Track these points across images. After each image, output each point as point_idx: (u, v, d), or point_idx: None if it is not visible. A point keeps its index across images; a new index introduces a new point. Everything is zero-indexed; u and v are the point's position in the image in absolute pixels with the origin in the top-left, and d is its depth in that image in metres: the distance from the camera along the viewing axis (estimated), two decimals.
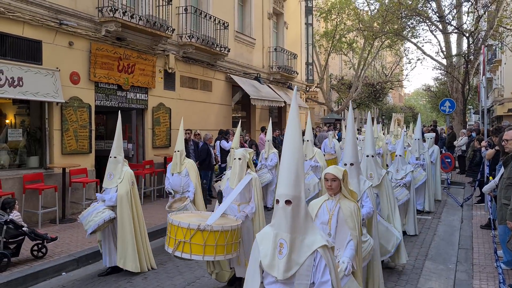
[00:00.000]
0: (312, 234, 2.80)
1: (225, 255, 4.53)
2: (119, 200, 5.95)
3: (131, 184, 6.09)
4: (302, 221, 2.77)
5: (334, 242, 3.78)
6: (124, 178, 6.05)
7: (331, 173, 3.85)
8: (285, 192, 2.75)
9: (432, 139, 11.84)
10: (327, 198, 3.96)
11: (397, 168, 8.09)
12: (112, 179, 6.06)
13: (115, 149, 6.14)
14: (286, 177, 2.78)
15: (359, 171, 4.98)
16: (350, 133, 4.86)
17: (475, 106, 33.36)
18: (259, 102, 15.96)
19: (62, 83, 9.22)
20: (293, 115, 2.97)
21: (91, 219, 5.78)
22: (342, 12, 27.51)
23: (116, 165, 6.08)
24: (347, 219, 3.78)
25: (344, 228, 3.79)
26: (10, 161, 9.05)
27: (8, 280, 5.69)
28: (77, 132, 9.74)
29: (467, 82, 22.00)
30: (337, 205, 3.87)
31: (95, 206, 5.95)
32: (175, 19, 12.64)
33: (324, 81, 29.60)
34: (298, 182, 2.76)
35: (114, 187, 6.01)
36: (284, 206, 2.74)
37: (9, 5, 8.22)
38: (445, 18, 21.40)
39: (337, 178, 3.83)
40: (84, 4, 9.83)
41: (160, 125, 12.36)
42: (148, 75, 11.76)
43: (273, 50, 19.12)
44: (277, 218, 2.79)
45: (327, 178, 3.86)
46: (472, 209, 10.24)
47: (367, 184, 4.97)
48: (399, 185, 7.77)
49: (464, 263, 6.53)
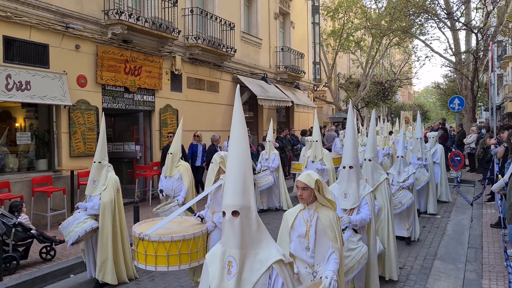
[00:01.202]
0: (267, 248, 2.50)
1: (189, 263, 4.26)
2: (102, 208, 5.55)
3: (115, 191, 5.70)
4: (253, 233, 2.48)
5: (314, 256, 3.45)
6: (109, 185, 5.64)
7: (301, 181, 3.42)
8: (231, 202, 2.45)
9: (435, 138, 11.36)
10: (303, 208, 3.54)
11: (398, 170, 7.62)
12: (96, 186, 5.64)
13: (99, 154, 5.67)
14: (232, 185, 2.49)
15: (360, 175, 4.63)
16: (350, 133, 4.56)
17: (485, 103, 32.97)
18: (266, 102, 15.93)
19: (69, 86, 9.29)
20: (237, 115, 2.67)
21: (72, 229, 5.42)
22: (349, 11, 27.37)
23: (100, 171, 5.65)
24: (326, 229, 3.39)
25: (324, 240, 3.41)
26: (19, 164, 9.14)
27: (17, 282, 5.75)
28: (85, 135, 9.81)
29: (476, 79, 21.77)
30: (314, 214, 3.47)
31: (76, 216, 5.58)
32: (181, 20, 12.67)
33: (332, 80, 29.48)
34: (246, 190, 2.48)
35: (97, 194, 5.61)
36: (231, 218, 2.43)
37: (16, 10, 8.30)
38: (453, 15, 21.20)
39: (308, 187, 3.40)
40: (90, 8, 9.89)
41: (167, 126, 12.40)
42: (154, 77, 11.80)
43: (280, 50, 19.08)
44: (225, 233, 2.49)
45: (297, 186, 3.47)
46: (482, 208, 10.13)
47: (367, 189, 4.61)
48: (402, 188, 7.36)
49: (474, 263, 6.45)
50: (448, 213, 10.01)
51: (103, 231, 5.54)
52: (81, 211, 5.66)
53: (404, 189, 7.35)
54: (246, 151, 2.58)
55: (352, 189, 4.43)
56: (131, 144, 11.90)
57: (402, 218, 7.40)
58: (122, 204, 5.88)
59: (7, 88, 8.07)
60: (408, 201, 7.23)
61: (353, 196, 4.43)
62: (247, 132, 2.74)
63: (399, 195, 7.25)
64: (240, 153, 2.56)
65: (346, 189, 4.46)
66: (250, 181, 2.53)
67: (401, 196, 7.26)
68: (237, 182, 2.48)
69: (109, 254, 5.56)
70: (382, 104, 39.47)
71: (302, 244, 3.48)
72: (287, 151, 15.19)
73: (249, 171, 2.56)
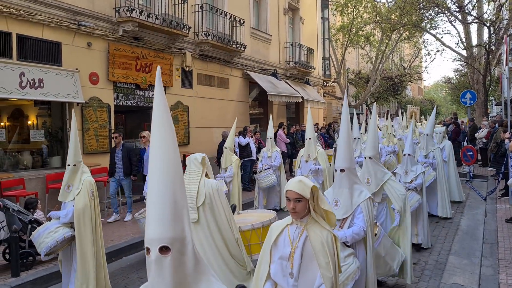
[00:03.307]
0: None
1: None
2: (76, 215, 4.81)
3: (90, 195, 4.93)
4: (190, 274, 1.90)
5: (297, 286, 2.79)
6: (83, 189, 4.90)
7: (293, 191, 2.71)
8: (157, 235, 1.82)
9: (442, 134, 10.49)
10: (290, 222, 2.87)
11: (405, 169, 6.97)
12: (70, 191, 4.95)
13: (72, 155, 4.95)
14: (158, 211, 1.85)
15: (354, 179, 3.98)
16: (345, 133, 3.99)
17: (497, 97, 32.60)
18: (276, 98, 15.91)
19: (82, 84, 9.35)
20: (158, 113, 1.99)
21: (42, 240, 4.85)
22: (359, 5, 27.17)
23: (75, 174, 4.95)
24: (317, 253, 2.72)
25: (313, 266, 2.74)
26: (33, 162, 9.23)
27: (34, 278, 5.83)
28: (97, 132, 9.87)
29: (489, 73, 21.53)
30: (303, 233, 2.78)
31: (46, 225, 4.99)
32: (191, 17, 12.68)
33: (341, 76, 29.33)
34: (177, 216, 1.86)
35: (71, 200, 4.91)
36: (159, 257, 1.81)
37: (29, 8, 8.36)
38: (465, 8, 20.97)
39: (303, 197, 2.71)
40: (101, 5, 9.93)
41: (178, 123, 12.43)
42: (165, 73, 11.83)
43: (290, 46, 19.04)
44: (151, 277, 1.86)
45: (288, 198, 2.74)
46: (496, 203, 10.03)
47: (364, 195, 3.92)
48: (409, 189, 6.68)
49: (490, 258, 6.40)
50: (462, 208, 9.93)
51: (81, 240, 4.85)
52: (53, 219, 5.05)
53: (410, 190, 6.71)
54: (174, 160, 1.93)
55: (343, 196, 3.90)
56: None
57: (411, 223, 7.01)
58: (98, 210, 5.12)
59: (21, 86, 8.14)
60: (414, 203, 6.58)
61: (344, 204, 3.90)
62: (174, 133, 2.02)
63: None
64: (165, 165, 1.91)
65: (337, 196, 3.96)
66: (182, 201, 1.91)
67: None
68: (163, 206, 1.85)
69: (90, 265, 4.88)
70: (392, 99, 39.22)
71: (285, 269, 2.81)
72: (298, 147, 15.17)
73: (180, 188, 1.92)
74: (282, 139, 14.73)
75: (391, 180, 5.23)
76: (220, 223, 4.52)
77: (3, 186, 8.05)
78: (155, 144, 1.94)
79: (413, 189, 6.75)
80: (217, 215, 4.52)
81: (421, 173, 6.97)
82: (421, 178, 6.94)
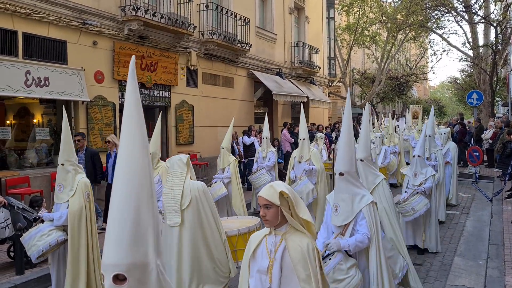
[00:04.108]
0: None
1: None
2: (71, 218, 4.59)
3: (86, 197, 4.71)
4: None
5: None
6: (77, 190, 4.68)
7: (261, 197, 2.50)
8: (112, 260, 1.59)
9: (446, 135, 10.35)
10: (268, 232, 2.64)
11: (415, 171, 6.66)
12: (62, 192, 4.72)
13: (63, 154, 4.72)
14: (116, 232, 1.59)
15: (355, 183, 3.75)
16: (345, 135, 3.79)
17: (503, 98, 32.40)
18: (281, 97, 15.88)
19: (87, 82, 9.37)
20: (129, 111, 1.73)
21: (34, 243, 4.64)
22: (365, 5, 27.09)
23: (66, 174, 4.70)
24: (296, 265, 2.50)
25: (294, 279, 2.52)
26: (38, 160, 9.26)
27: (38, 276, 5.84)
28: (102, 131, 9.88)
29: (495, 73, 21.40)
30: (281, 243, 2.55)
31: (39, 227, 4.74)
32: (196, 16, 12.67)
33: (347, 76, 29.26)
34: (139, 238, 1.60)
35: (65, 201, 4.68)
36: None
37: (34, 7, 8.38)
38: (472, 8, 20.85)
39: (273, 204, 2.47)
40: (106, 4, 9.94)
41: (183, 122, 12.44)
42: (170, 72, 11.83)
43: (295, 45, 18.99)
44: None
45: (259, 205, 2.56)
46: (502, 204, 9.96)
47: (366, 200, 3.68)
48: (417, 193, 6.45)
49: (496, 260, 6.34)
50: (467, 209, 9.87)
51: (74, 245, 4.61)
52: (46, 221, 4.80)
53: (419, 193, 6.45)
54: (142, 170, 1.65)
55: (343, 201, 3.67)
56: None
57: (417, 227, 6.69)
58: (94, 212, 4.92)
59: (27, 84, 8.17)
60: (422, 208, 6.34)
61: (345, 210, 3.66)
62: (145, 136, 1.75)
63: (412, 200, 6.38)
64: (130, 175, 1.64)
65: (336, 201, 3.74)
66: (147, 220, 1.62)
67: (414, 201, 6.37)
68: (123, 226, 1.57)
69: (81, 270, 4.62)
70: (397, 99, 39.08)
71: (264, 283, 2.59)
72: None
73: (147, 204, 1.64)
74: (287, 138, 14.70)
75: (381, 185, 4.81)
76: (206, 226, 4.32)
77: (9, 184, 8.08)
78: (121, 149, 1.68)
79: (421, 193, 6.47)
80: (203, 217, 4.32)
81: (431, 176, 6.67)
82: (431, 182, 6.64)
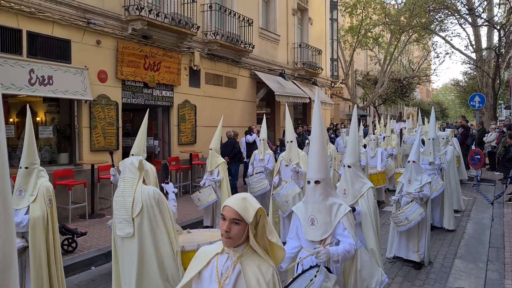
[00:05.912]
0: None
1: None
2: (31, 225, 4.24)
3: (48, 203, 4.38)
4: None
5: None
6: (38, 195, 4.34)
7: (232, 208, 2.02)
8: None
9: (445, 139, 9.93)
10: (220, 250, 2.16)
11: (409, 177, 6.22)
12: (23, 197, 4.36)
13: (26, 157, 4.46)
14: None
15: (331, 192, 3.48)
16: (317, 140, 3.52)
17: (506, 101, 32.37)
18: (283, 98, 15.90)
19: (90, 81, 9.41)
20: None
21: None
22: (368, 6, 27.12)
23: (28, 178, 4.41)
24: None
25: None
26: (41, 158, 9.28)
27: None
28: (105, 129, 9.93)
29: (498, 76, 21.39)
30: (235, 266, 2.09)
31: None
32: (199, 16, 12.71)
33: (349, 77, 29.27)
34: None
35: (24, 207, 4.33)
36: None
37: (39, 6, 8.42)
38: (475, 11, 20.84)
39: (242, 220, 2.03)
40: (111, 3, 9.98)
41: (185, 122, 12.48)
42: (173, 72, 11.87)
43: (298, 46, 19.02)
44: None
45: (224, 216, 2.05)
46: (503, 207, 9.96)
47: (344, 209, 3.40)
48: (410, 201, 6.11)
49: (496, 262, 6.36)
50: (468, 212, 9.87)
51: (35, 253, 4.28)
52: None
53: (413, 201, 6.06)
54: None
55: (321, 212, 3.34)
56: (149, 139, 11.99)
57: (412, 238, 6.28)
58: (56, 218, 4.55)
59: (30, 83, 8.21)
60: (416, 217, 5.96)
61: (323, 222, 3.33)
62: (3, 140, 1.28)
63: (406, 209, 6.01)
64: None
65: (312, 213, 3.37)
66: None
67: (408, 210, 5.99)
68: None
69: (44, 279, 4.35)
70: (399, 101, 39.06)
71: None
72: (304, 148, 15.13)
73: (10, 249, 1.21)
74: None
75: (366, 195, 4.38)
76: (156, 236, 3.98)
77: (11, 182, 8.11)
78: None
79: (418, 199, 6.05)
80: (155, 227, 3.98)
81: (426, 183, 6.23)
82: (427, 189, 6.20)
